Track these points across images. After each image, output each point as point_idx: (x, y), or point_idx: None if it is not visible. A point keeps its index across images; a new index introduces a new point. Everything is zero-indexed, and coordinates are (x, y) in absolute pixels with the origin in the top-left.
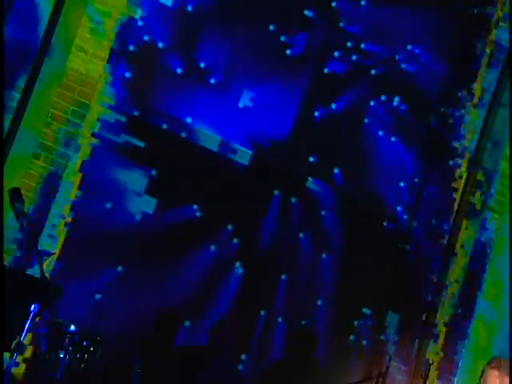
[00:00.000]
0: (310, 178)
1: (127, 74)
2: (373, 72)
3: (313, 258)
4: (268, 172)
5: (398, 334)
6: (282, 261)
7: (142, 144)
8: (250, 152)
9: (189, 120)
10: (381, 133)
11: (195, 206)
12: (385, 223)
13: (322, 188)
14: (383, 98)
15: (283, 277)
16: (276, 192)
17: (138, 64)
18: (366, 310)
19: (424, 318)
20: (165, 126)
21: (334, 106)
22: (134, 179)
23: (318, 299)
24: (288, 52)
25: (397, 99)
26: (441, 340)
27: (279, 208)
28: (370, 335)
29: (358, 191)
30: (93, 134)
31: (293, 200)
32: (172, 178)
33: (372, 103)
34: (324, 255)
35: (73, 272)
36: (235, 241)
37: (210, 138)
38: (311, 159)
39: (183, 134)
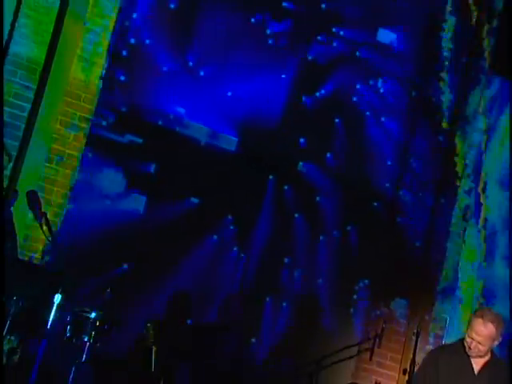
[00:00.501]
0: (301, 162)
1: (122, 77)
2: (356, 54)
3: (310, 239)
4: (262, 159)
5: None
6: (281, 242)
7: (140, 141)
8: (242, 141)
9: (182, 115)
10: (368, 113)
11: (195, 197)
12: (375, 201)
13: (314, 170)
14: (367, 79)
15: (286, 260)
16: (270, 177)
17: (131, 66)
18: (363, 282)
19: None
20: (160, 122)
21: (320, 91)
22: (138, 175)
23: (319, 276)
24: (272, 41)
25: (380, 79)
26: (430, 301)
27: (274, 192)
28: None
29: (350, 171)
30: (98, 136)
31: (287, 184)
32: (169, 172)
33: (358, 86)
34: (321, 236)
35: (91, 263)
36: (234, 227)
37: (202, 131)
38: (301, 144)
39: (178, 129)
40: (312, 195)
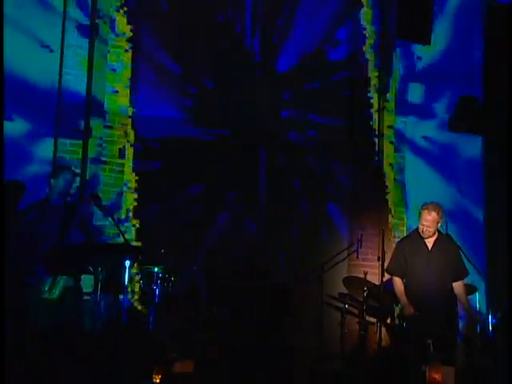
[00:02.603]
0: (287, 131)
1: (140, 98)
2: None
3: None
4: (249, 135)
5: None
6: (282, 202)
7: (155, 144)
8: (229, 124)
9: (179, 116)
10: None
11: (201, 184)
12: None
13: (299, 136)
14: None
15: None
16: (261, 151)
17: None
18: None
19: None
20: (167, 127)
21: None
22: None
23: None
24: (237, 29)
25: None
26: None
27: (268, 165)
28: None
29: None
30: (135, 146)
31: (276, 153)
32: (170, 168)
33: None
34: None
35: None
36: (240, 202)
37: (194, 126)
38: (283, 114)
39: (173, 131)
40: (299, 157)
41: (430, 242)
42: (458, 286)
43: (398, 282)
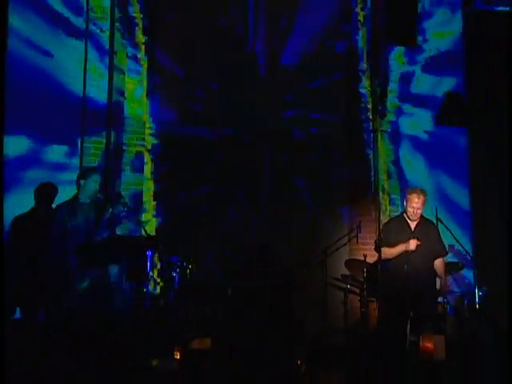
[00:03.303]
0: (290, 128)
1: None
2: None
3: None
4: (254, 134)
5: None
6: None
7: (170, 148)
8: (232, 125)
9: (186, 118)
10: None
11: (209, 185)
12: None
13: (301, 133)
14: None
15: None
16: (266, 149)
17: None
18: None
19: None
20: (176, 128)
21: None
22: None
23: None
24: (238, 32)
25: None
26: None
27: (273, 162)
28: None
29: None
30: (150, 148)
31: (280, 151)
32: (185, 166)
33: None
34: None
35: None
36: (246, 200)
37: (199, 127)
38: (286, 114)
39: (177, 134)
40: (302, 153)
41: (413, 224)
42: (437, 263)
43: (386, 248)
